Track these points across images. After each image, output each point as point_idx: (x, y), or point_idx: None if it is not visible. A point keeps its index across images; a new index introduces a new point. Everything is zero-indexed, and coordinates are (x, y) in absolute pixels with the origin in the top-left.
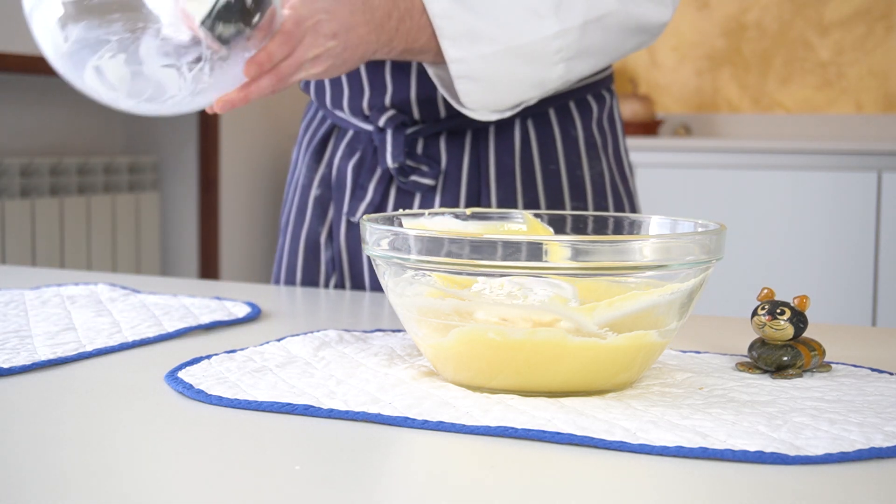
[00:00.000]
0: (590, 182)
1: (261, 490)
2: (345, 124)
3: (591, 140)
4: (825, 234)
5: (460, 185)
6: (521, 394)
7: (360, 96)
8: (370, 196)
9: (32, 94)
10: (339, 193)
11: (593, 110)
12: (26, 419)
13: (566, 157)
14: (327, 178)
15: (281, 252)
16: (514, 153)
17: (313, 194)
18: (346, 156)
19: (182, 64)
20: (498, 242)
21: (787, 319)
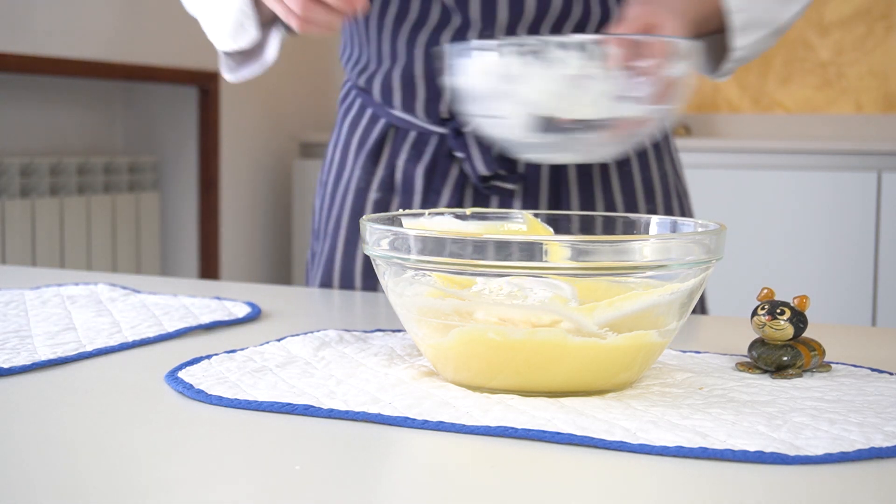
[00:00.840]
0: (659, 183)
1: (261, 490)
2: (406, 125)
3: (655, 141)
4: (825, 234)
5: (540, 188)
6: (521, 394)
7: (438, 100)
8: (445, 200)
9: (32, 94)
10: (405, 197)
11: None
12: (26, 419)
13: (638, 158)
14: (388, 181)
15: (329, 257)
16: None
17: (372, 198)
18: (413, 158)
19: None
20: (498, 242)
21: (787, 319)
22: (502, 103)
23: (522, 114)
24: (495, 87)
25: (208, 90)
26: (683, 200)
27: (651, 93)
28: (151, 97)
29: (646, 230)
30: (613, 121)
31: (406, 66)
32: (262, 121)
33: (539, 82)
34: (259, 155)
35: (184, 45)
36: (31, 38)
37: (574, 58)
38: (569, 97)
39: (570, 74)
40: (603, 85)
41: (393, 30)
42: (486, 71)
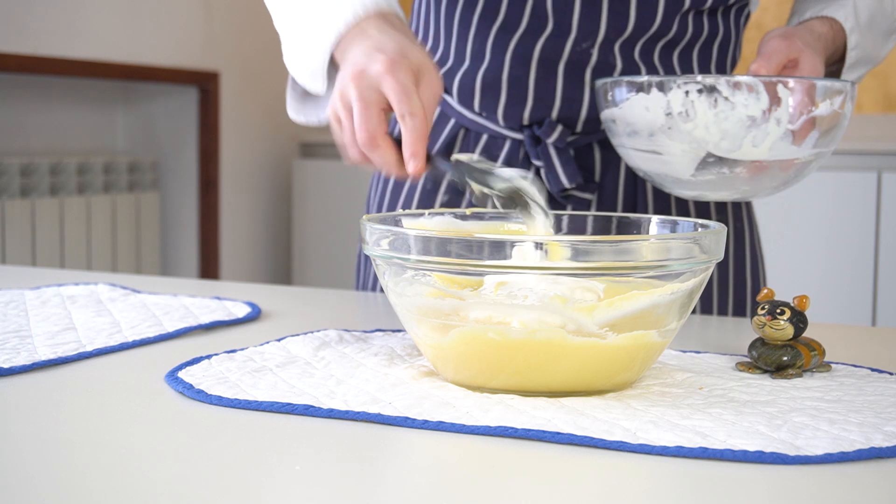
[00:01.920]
0: None
1: (261, 490)
2: (478, 128)
3: None
4: (825, 234)
5: (616, 198)
6: (521, 394)
7: (522, 106)
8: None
9: (32, 94)
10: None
11: None
12: (26, 419)
13: None
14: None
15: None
16: None
17: (440, 200)
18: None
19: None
20: (498, 242)
21: (787, 319)
22: (670, 140)
23: (690, 152)
24: (663, 124)
25: (208, 90)
26: (751, 211)
27: (817, 135)
28: (151, 97)
29: (646, 230)
30: (780, 163)
31: (491, 68)
32: (262, 121)
33: (712, 122)
34: (259, 155)
35: (184, 45)
36: (31, 38)
37: (747, 98)
38: (743, 138)
39: (746, 115)
40: (776, 127)
41: (479, 28)
42: (652, 107)
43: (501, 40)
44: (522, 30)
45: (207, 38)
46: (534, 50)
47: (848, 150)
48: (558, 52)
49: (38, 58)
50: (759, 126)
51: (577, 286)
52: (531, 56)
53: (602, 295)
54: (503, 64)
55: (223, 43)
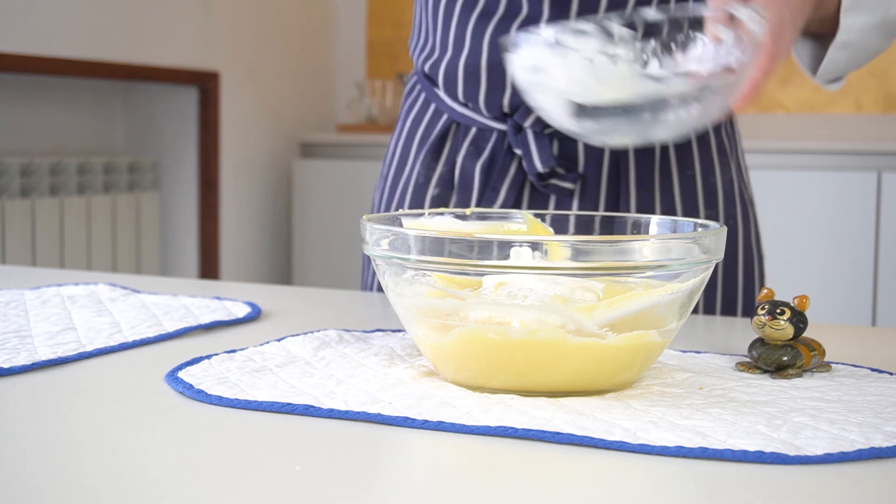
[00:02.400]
0: (721, 189)
1: (261, 490)
2: (467, 121)
3: (722, 145)
4: (825, 234)
5: (600, 189)
6: (521, 394)
7: (501, 93)
8: (503, 198)
9: (32, 94)
10: (463, 194)
11: None
12: (26, 419)
13: (701, 163)
14: (447, 178)
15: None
16: (653, 157)
17: (431, 194)
18: (472, 155)
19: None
20: (498, 242)
21: (787, 319)
22: (541, 95)
23: (560, 103)
24: (531, 79)
25: (208, 90)
26: (748, 209)
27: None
28: (151, 97)
29: (646, 230)
30: (659, 102)
31: (471, 55)
32: (262, 121)
33: (562, 71)
34: (259, 155)
35: (184, 45)
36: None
37: (593, 40)
38: (593, 81)
39: (588, 58)
40: (627, 66)
41: (461, 17)
42: (522, 65)
43: (480, 27)
44: (500, 15)
45: (207, 38)
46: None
47: (848, 150)
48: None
49: (38, 58)
50: (618, 66)
51: (577, 286)
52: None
53: (601, 295)
54: (482, 50)
55: (223, 43)
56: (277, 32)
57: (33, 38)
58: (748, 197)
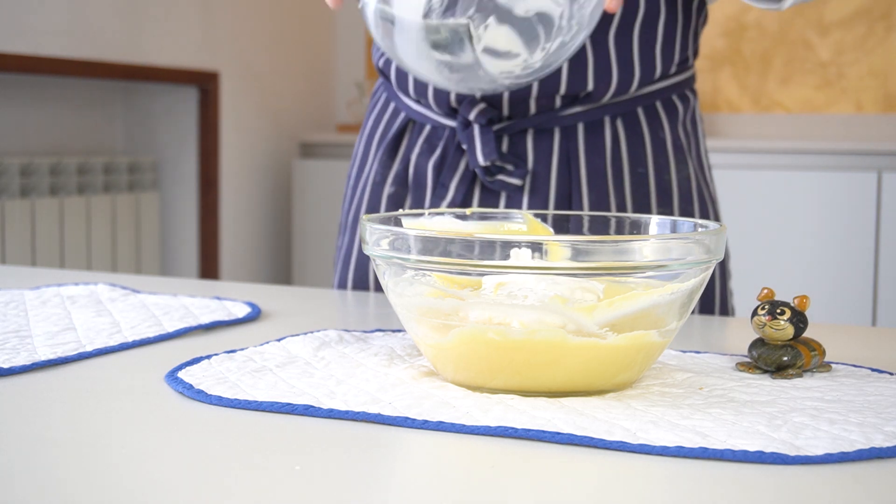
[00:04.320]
0: (677, 186)
1: (261, 490)
2: (422, 118)
3: (678, 142)
4: (825, 234)
5: (549, 185)
6: (521, 394)
7: None
8: (452, 195)
9: (32, 94)
10: (417, 192)
11: (679, 111)
12: (26, 419)
13: (654, 160)
14: (402, 176)
15: (347, 251)
16: (604, 154)
17: (387, 192)
18: (425, 152)
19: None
20: (498, 242)
21: (787, 319)
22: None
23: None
24: (382, 27)
25: (208, 90)
26: (707, 207)
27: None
28: (151, 97)
29: (646, 230)
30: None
31: None
32: (262, 121)
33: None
34: (259, 155)
35: (184, 45)
36: (31, 38)
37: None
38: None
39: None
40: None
41: None
42: (372, 12)
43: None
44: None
45: (207, 38)
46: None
47: (848, 150)
48: None
49: (38, 58)
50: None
51: (577, 286)
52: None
53: (601, 295)
54: None
55: (223, 43)
56: (277, 32)
57: (33, 38)
58: (708, 195)
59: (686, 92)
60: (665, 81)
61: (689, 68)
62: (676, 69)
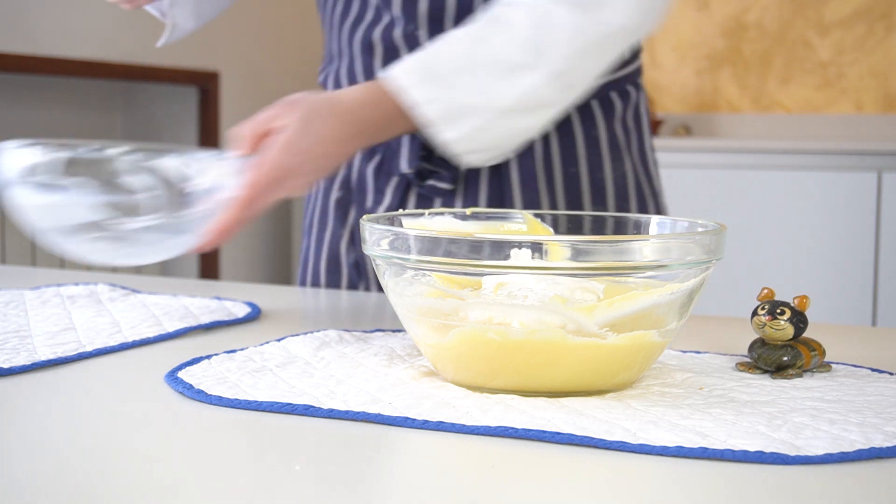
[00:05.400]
0: (612, 184)
1: (261, 490)
2: None
3: (615, 140)
4: (825, 234)
5: (480, 188)
6: (521, 394)
7: None
8: (388, 200)
9: (32, 94)
10: (360, 196)
11: (616, 108)
12: (26, 419)
13: (588, 159)
14: (347, 181)
15: (305, 255)
16: (534, 155)
17: (334, 197)
18: (366, 158)
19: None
20: (498, 242)
21: (787, 319)
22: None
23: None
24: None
25: (208, 90)
26: (647, 202)
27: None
28: (151, 97)
29: (646, 230)
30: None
31: (349, 63)
32: None
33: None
34: None
35: (184, 45)
36: (31, 38)
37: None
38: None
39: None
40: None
41: (339, 27)
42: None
43: (353, 34)
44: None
45: (207, 38)
46: (373, 39)
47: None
48: (391, 39)
49: (38, 58)
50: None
51: (577, 286)
52: (373, 46)
53: (601, 295)
54: (356, 57)
55: (223, 43)
56: (277, 32)
57: (33, 38)
58: (650, 190)
59: (627, 87)
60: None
61: (628, 63)
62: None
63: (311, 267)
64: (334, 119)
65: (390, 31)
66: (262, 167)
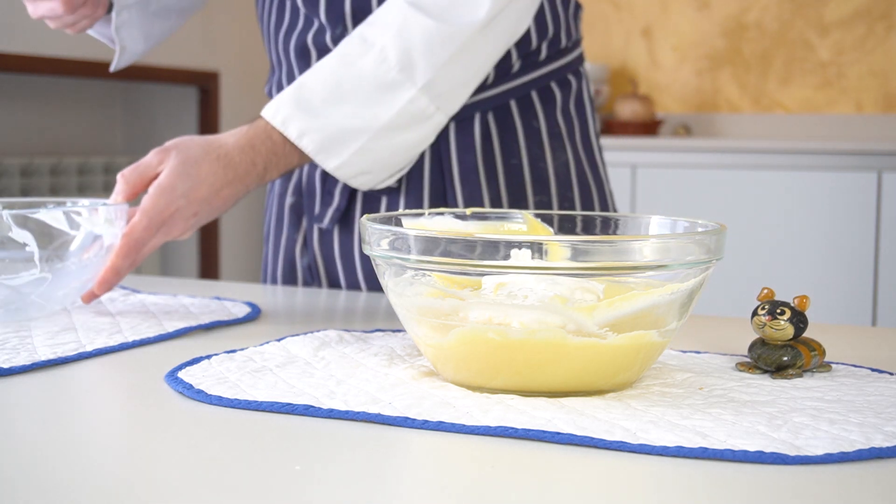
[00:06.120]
0: (553, 174)
1: (261, 490)
2: None
3: (555, 130)
4: (825, 234)
5: (423, 185)
6: (521, 394)
7: None
8: (337, 202)
9: (32, 94)
10: (309, 200)
11: (557, 98)
12: (26, 419)
13: (528, 150)
14: (299, 186)
15: (265, 262)
16: (475, 150)
17: (288, 202)
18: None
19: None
20: (498, 242)
21: (787, 319)
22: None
23: None
24: None
25: (208, 90)
26: (590, 191)
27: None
28: (151, 97)
29: (645, 230)
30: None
31: (289, 70)
32: None
33: None
34: None
35: (184, 45)
36: (31, 38)
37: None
38: None
39: None
40: None
41: (275, 36)
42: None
43: (287, 43)
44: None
45: (207, 38)
46: (307, 45)
47: (848, 150)
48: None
49: (38, 58)
50: None
51: (577, 286)
52: (308, 51)
53: (601, 296)
54: (294, 64)
55: (223, 43)
56: None
57: (33, 38)
58: (593, 178)
59: (567, 76)
60: (539, 70)
61: (566, 52)
62: (547, 55)
63: (270, 274)
64: (214, 163)
65: (322, 36)
66: (140, 214)
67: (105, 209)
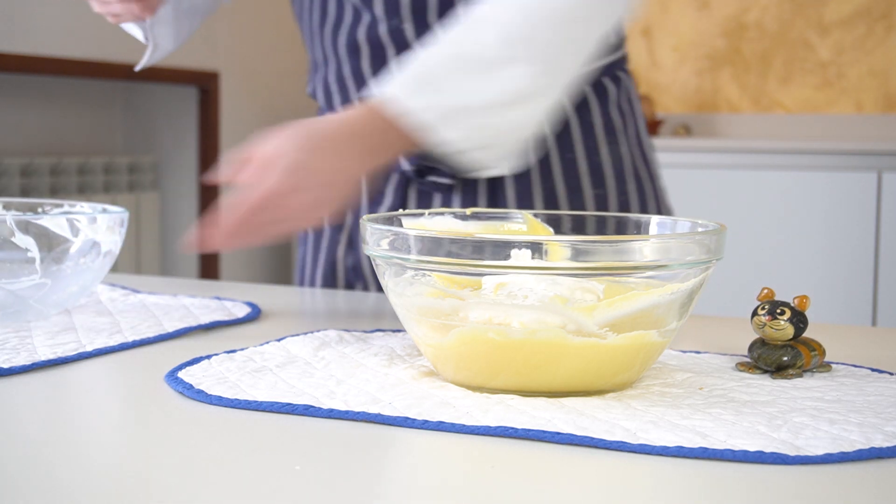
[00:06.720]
0: (611, 167)
1: (261, 490)
2: None
3: (610, 124)
4: (825, 234)
5: (476, 183)
6: (521, 394)
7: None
8: (390, 200)
9: (32, 94)
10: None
11: (610, 93)
12: (26, 419)
13: (584, 144)
14: None
15: (302, 263)
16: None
17: None
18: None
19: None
20: (498, 242)
21: (787, 319)
22: None
23: None
24: None
25: (208, 90)
26: (644, 186)
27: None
28: (151, 97)
29: (646, 230)
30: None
31: (337, 67)
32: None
33: None
34: None
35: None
36: (31, 38)
37: None
38: None
39: None
40: None
41: (320, 33)
42: None
43: (335, 38)
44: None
45: (207, 38)
46: (358, 40)
47: (848, 150)
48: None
49: (38, 58)
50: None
51: (577, 286)
52: (359, 46)
53: (602, 296)
54: (343, 60)
55: (223, 43)
56: (277, 32)
57: (33, 38)
58: (647, 174)
59: (618, 73)
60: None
61: (616, 49)
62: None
63: (308, 275)
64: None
65: (374, 29)
66: (270, 181)
67: (107, 217)
